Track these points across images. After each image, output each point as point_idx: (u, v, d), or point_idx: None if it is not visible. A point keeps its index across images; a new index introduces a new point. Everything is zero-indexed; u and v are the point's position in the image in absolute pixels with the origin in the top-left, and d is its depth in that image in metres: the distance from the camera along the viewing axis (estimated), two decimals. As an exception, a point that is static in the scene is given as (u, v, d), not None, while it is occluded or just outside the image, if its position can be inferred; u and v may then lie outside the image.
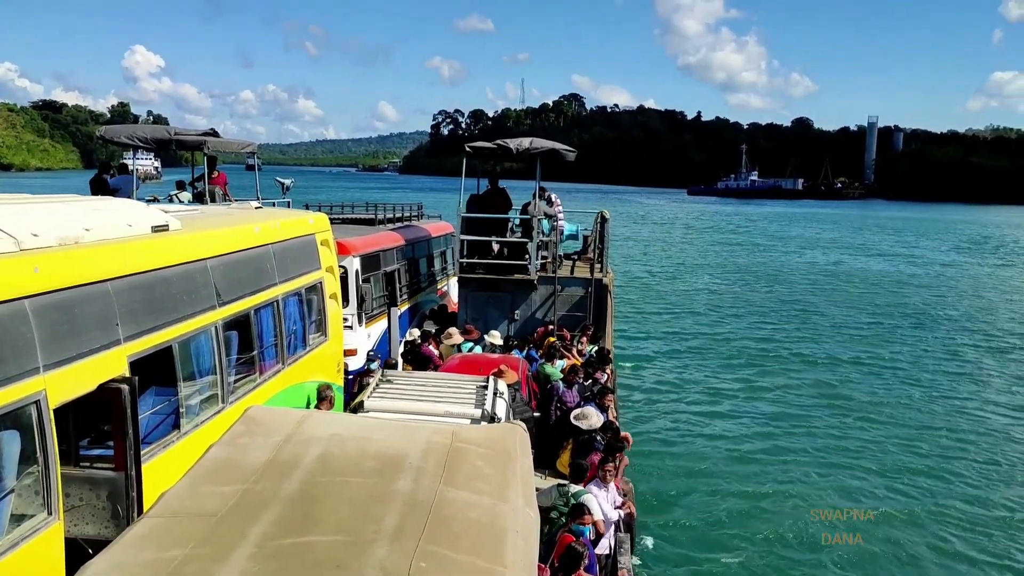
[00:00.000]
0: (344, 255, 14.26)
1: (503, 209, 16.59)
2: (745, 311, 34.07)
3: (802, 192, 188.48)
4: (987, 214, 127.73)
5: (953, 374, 24.11)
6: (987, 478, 15.76)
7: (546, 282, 16.24)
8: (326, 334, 11.09)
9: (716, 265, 51.43)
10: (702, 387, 21.90)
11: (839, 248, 65.18)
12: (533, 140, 16.08)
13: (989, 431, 18.67)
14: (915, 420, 19.47)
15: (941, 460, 16.89)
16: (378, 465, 4.57)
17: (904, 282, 44.14)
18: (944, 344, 28.10)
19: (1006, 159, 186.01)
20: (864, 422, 19.00)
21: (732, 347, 26.93)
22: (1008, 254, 62.13)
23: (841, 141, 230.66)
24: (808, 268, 50.10)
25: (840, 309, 34.96)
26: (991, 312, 34.33)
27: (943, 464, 16.60)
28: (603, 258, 16.90)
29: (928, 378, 23.36)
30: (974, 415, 19.93)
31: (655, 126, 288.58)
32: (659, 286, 41.25)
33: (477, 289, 16.37)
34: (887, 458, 16.79)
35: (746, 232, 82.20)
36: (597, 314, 16.26)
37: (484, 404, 8.77)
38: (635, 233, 75.19)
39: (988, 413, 20.04)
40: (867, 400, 20.96)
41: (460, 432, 5.39)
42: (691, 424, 18.79)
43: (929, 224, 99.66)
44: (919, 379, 23.24)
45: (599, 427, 9.75)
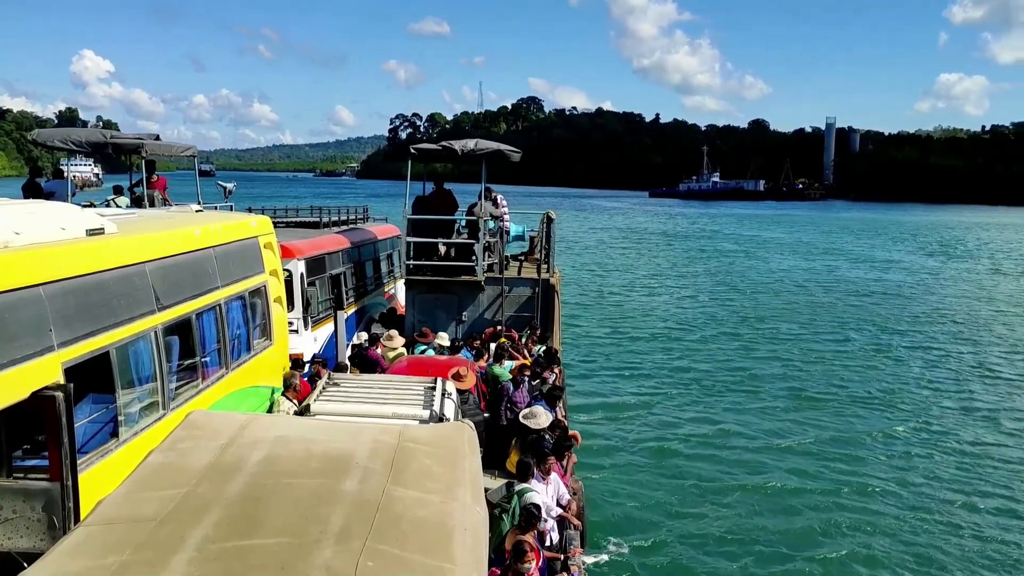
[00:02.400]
0: (289, 258, 14.08)
1: (449, 211, 16.55)
2: (696, 311, 34.49)
3: (764, 193, 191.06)
4: (946, 214, 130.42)
5: (904, 377, 24.19)
6: (953, 490, 15.43)
7: (493, 283, 16.24)
8: (271, 338, 10.92)
9: (670, 267, 51.74)
10: (651, 385, 22.20)
11: (804, 251, 64.79)
12: (478, 141, 16.08)
13: (956, 441, 18.39)
14: (863, 415, 19.91)
15: (883, 456, 17.39)
16: (324, 466, 4.51)
17: (866, 284, 44.50)
18: (900, 347, 28.08)
19: (961, 159, 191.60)
20: (811, 419, 19.40)
21: (681, 345, 27.31)
22: (972, 256, 62.26)
23: (798, 142, 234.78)
24: (767, 270, 50.36)
25: (787, 308, 35.50)
26: (954, 316, 34.36)
27: (889, 462, 17.09)
28: (549, 258, 16.96)
29: (876, 379, 23.55)
30: (936, 423, 19.64)
31: (614, 128, 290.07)
32: (611, 287, 41.46)
33: (424, 291, 16.30)
34: (830, 451, 17.20)
35: (706, 234, 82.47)
36: (544, 314, 16.31)
37: (432, 405, 8.74)
38: (594, 236, 74.95)
39: (956, 423, 19.70)
40: (815, 396, 21.38)
41: (408, 432, 5.35)
42: (640, 421, 19.02)
43: (892, 225, 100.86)
44: (868, 377, 23.54)
45: (547, 426, 9.78)
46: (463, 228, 17.11)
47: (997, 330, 31.10)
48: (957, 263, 56.49)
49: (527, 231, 19.64)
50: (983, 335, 29.73)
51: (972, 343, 28.50)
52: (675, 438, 17.83)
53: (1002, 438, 18.54)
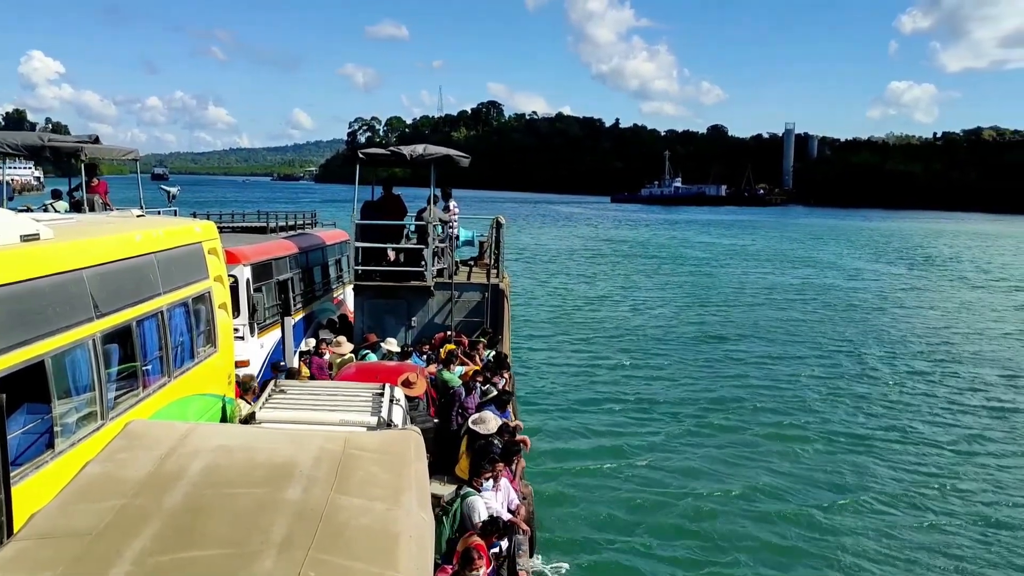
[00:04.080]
0: (234, 264, 13.88)
1: (398, 216, 16.48)
2: (653, 319, 34.44)
3: (726, 199, 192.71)
4: (906, 220, 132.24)
5: (860, 387, 24.09)
6: (923, 507, 15.19)
7: (443, 288, 16.22)
8: (215, 345, 10.73)
9: (630, 274, 51.46)
10: (603, 390, 22.28)
11: (766, 258, 63.97)
12: (427, 147, 16.06)
13: (923, 448, 18.40)
14: (817, 423, 19.86)
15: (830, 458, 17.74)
16: (267, 475, 4.45)
17: (829, 292, 44.12)
18: (858, 356, 27.82)
19: (919, 165, 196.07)
20: (765, 424, 19.51)
21: (635, 351, 27.38)
22: (934, 264, 61.99)
23: (757, 148, 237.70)
24: (728, 279, 49.72)
25: (745, 317, 35.34)
26: (915, 327, 33.78)
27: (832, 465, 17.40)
28: (499, 263, 17.00)
29: (832, 389, 23.13)
30: (898, 431, 19.54)
31: (575, 133, 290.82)
32: (566, 293, 41.37)
33: (373, 297, 16.20)
34: (783, 458, 17.34)
35: (669, 240, 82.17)
36: (494, 319, 16.35)
37: (380, 411, 8.69)
38: (554, 242, 74.71)
39: (920, 429, 19.63)
40: (769, 403, 21.38)
41: (353, 439, 5.31)
42: (591, 426, 19.10)
43: (853, 232, 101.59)
44: (825, 387, 23.22)
45: (496, 431, 9.79)
46: (412, 233, 17.06)
47: (958, 341, 30.71)
48: (920, 271, 56.50)
49: (477, 236, 19.66)
50: (944, 345, 29.62)
51: (932, 352, 28.36)
52: (626, 443, 17.90)
53: (959, 439, 18.96)
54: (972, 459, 17.65)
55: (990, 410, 21.36)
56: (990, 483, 16.27)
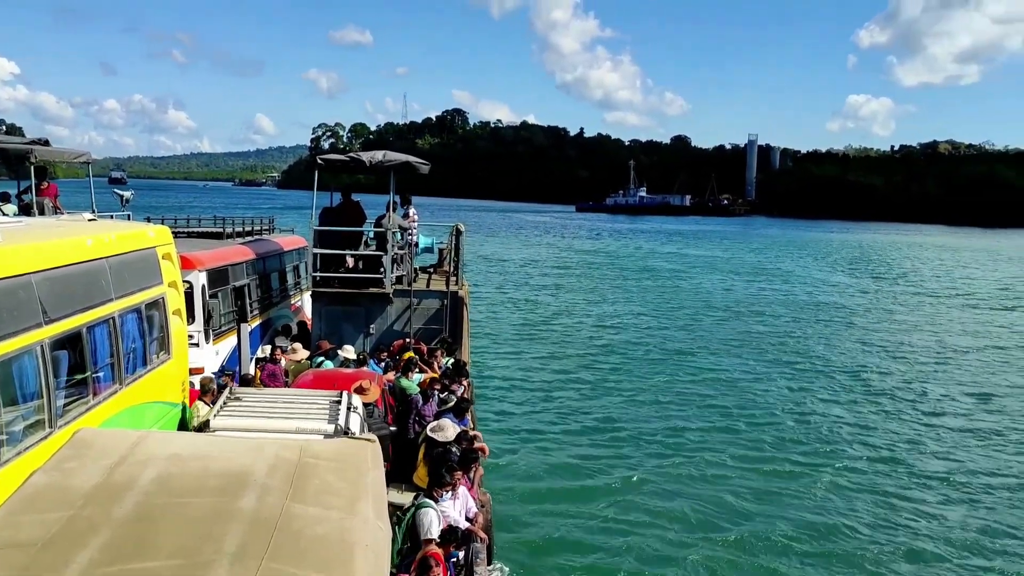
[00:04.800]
0: (190, 269, 13.66)
1: (357, 222, 16.38)
2: (614, 327, 34.64)
3: (690, 208, 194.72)
4: (868, 232, 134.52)
5: (820, 398, 24.38)
6: (843, 512, 15.61)
7: (402, 295, 16.14)
8: (169, 352, 10.54)
9: (592, 283, 51.46)
10: (561, 397, 22.37)
11: (731, 270, 63.90)
12: (386, 153, 15.99)
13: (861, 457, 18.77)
14: (775, 434, 19.99)
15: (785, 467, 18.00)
16: (221, 484, 4.40)
17: (788, 303, 44.17)
18: (816, 368, 28.03)
19: (880, 177, 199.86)
20: (722, 430, 19.84)
21: (595, 360, 27.45)
22: (899, 277, 62.13)
23: (720, 158, 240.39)
24: (692, 290, 49.78)
25: (706, 327, 35.55)
26: (880, 339, 34.05)
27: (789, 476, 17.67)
28: (458, 271, 16.98)
29: (790, 400, 23.30)
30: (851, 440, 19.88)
31: (540, 142, 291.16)
32: (529, 302, 41.30)
33: (331, 303, 16.05)
34: (737, 466, 17.51)
35: (633, 250, 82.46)
36: (453, 326, 16.30)
37: (337, 419, 8.61)
38: (518, 251, 74.65)
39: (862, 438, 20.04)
40: (726, 409, 21.61)
41: (310, 447, 5.27)
42: (550, 433, 19.16)
43: (817, 243, 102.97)
44: (786, 400, 23.30)
45: (454, 439, 9.77)
46: (371, 240, 16.97)
47: (924, 356, 30.73)
48: (885, 284, 56.50)
49: (436, 243, 19.61)
50: (908, 359, 29.73)
51: (897, 367, 28.35)
52: (585, 453, 17.95)
53: (912, 447, 19.45)
54: (934, 471, 17.86)
55: (957, 417, 22.01)
56: (956, 492, 16.59)
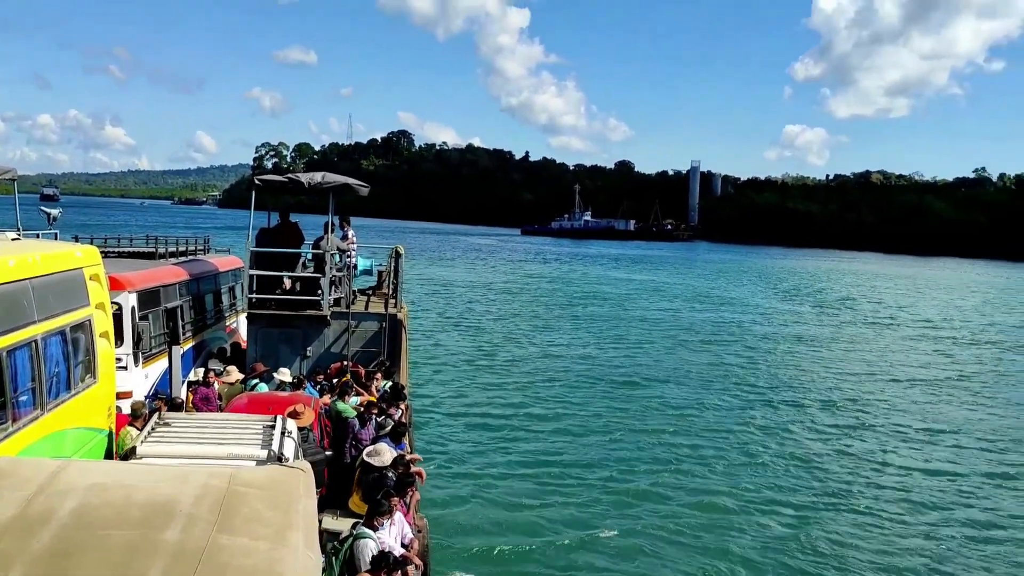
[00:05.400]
0: (119, 291, 13.31)
1: (295, 244, 16.19)
2: (556, 352, 34.43)
3: (635, 233, 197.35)
4: (806, 259, 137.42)
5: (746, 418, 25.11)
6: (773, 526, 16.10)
7: (340, 317, 15.98)
8: (95, 376, 10.23)
9: (533, 307, 51.11)
10: (500, 420, 22.32)
11: (675, 295, 64.22)
12: (325, 175, 15.87)
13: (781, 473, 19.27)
14: (702, 453, 20.35)
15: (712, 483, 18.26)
16: (144, 515, 4.28)
17: (729, 329, 44.63)
18: (754, 393, 28.29)
19: (817, 205, 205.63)
20: (660, 458, 19.80)
21: (535, 384, 27.35)
22: (835, 303, 63.24)
23: (663, 184, 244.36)
24: (636, 315, 49.71)
25: (649, 352, 35.49)
26: (818, 367, 34.26)
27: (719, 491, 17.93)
28: (397, 293, 16.90)
29: (730, 426, 23.32)
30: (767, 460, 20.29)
31: (485, 165, 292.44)
32: (469, 326, 41.02)
33: (267, 325, 15.80)
34: (676, 489, 17.70)
35: (578, 274, 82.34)
36: (392, 349, 16.19)
37: (271, 444, 8.46)
38: (462, 273, 74.17)
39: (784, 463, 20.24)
40: (667, 439, 21.43)
41: (239, 475, 5.17)
42: (488, 459, 19.09)
43: (757, 269, 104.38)
44: (719, 420, 23.54)
45: (390, 464, 9.68)
46: (309, 261, 16.79)
47: (866, 383, 31.08)
48: (825, 310, 57.18)
49: (375, 265, 19.48)
50: (850, 387, 29.91)
51: (843, 396, 28.22)
52: (524, 478, 17.90)
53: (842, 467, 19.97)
54: (873, 495, 18.22)
55: (896, 442, 22.54)
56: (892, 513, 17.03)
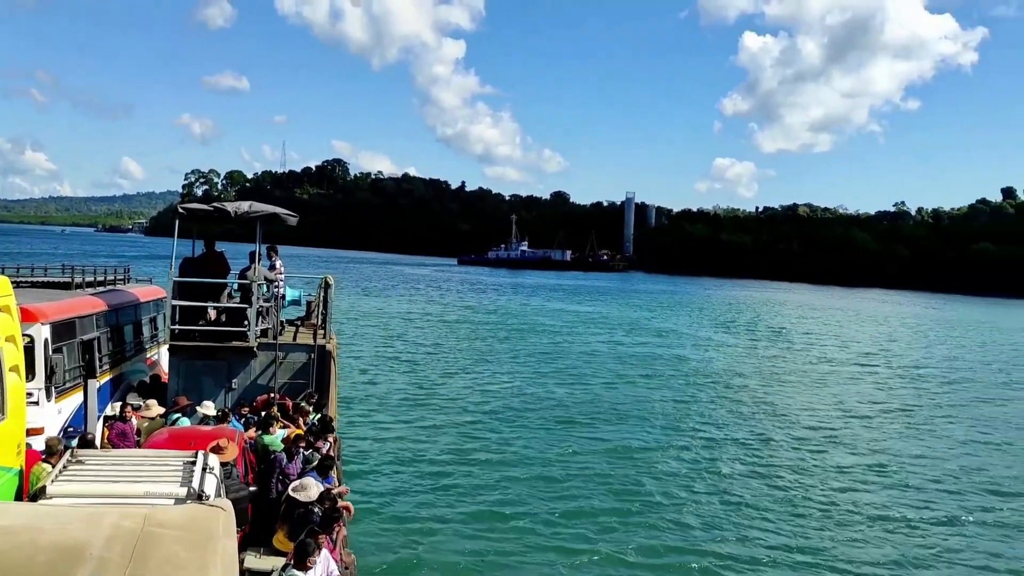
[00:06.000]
0: (31, 322, 12.77)
1: (220, 273, 15.83)
2: (489, 384, 34.13)
3: (571, 263, 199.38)
4: (739, 289, 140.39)
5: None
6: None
7: (267, 348, 15.66)
8: (3, 412, 9.75)
9: (469, 337, 50.62)
10: (431, 455, 21.90)
11: (611, 326, 64.29)
12: (252, 204, 15.60)
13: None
14: (634, 481, 20.45)
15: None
16: (51, 558, 4.08)
17: (670, 362, 44.45)
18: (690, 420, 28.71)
19: (748, 236, 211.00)
20: (594, 492, 19.56)
21: (468, 416, 27.00)
22: (768, 333, 64.50)
23: (599, 215, 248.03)
24: (570, 346, 49.49)
25: (582, 384, 35.36)
26: (750, 397, 34.60)
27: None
28: (326, 324, 16.66)
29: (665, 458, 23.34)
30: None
31: (421, 194, 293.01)
32: (404, 358, 40.38)
33: (191, 357, 15.35)
34: (611, 521, 17.67)
35: (515, 305, 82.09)
36: (320, 381, 15.92)
37: (191, 482, 8.18)
38: (396, 303, 73.20)
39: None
40: (601, 472, 21.25)
41: (155, 515, 4.97)
42: (418, 492, 18.82)
43: (693, 300, 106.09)
44: (660, 456, 23.31)
45: (316, 499, 9.47)
46: (235, 291, 16.43)
47: (794, 410, 31.84)
48: (761, 342, 57.83)
49: (304, 296, 19.17)
50: (788, 417, 30.15)
51: (787, 429, 28.28)
52: (456, 513, 17.66)
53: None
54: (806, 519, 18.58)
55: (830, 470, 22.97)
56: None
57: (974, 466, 24.15)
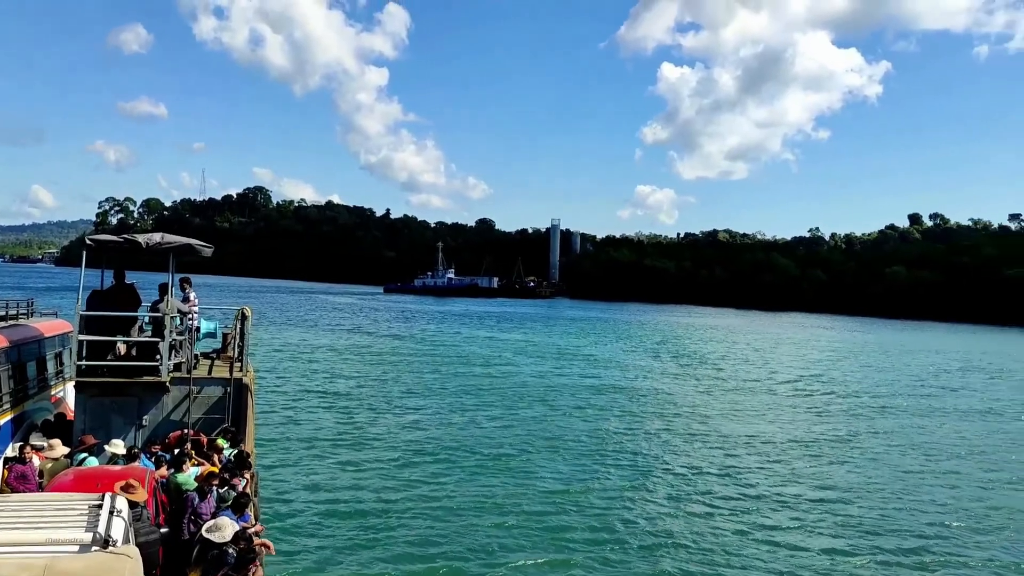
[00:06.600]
0: (-77, 360, 12.12)
1: (131, 306, 15.32)
2: (414, 414, 33.70)
3: (498, 290, 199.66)
4: (663, 314, 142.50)
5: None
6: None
7: (180, 383, 15.18)
8: None
9: (399, 371, 49.21)
10: (353, 489, 21.48)
11: (539, 353, 64.61)
12: (164, 235, 15.14)
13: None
14: (569, 519, 20.07)
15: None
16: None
17: (597, 390, 44.40)
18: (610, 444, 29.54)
19: (672, 262, 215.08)
20: (520, 535, 18.96)
21: (392, 453, 26.30)
22: (691, 357, 66.12)
23: (524, 242, 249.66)
24: (505, 373, 49.54)
25: (512, 411, 35.46)
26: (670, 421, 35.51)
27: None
28: (243, 356, 16.28)
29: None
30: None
31: (345, 222, 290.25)
32: (322, 386, 39.72)
33: (98, 394, 14.74)
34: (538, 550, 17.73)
35: (442, 333, 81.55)
36: (237, 415, 15.51)
37: (97, 527, 7.85)
38: (319, 335, 71.51)
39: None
40: (528, 515, 20.44)
41: (57, 564, 4.78)
42: (339, 526, 18.47)
43: (618, 325, 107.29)
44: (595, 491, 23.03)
45: (231, 539, 9.20)
46: (147, 324, 15.91)
47: (723, 435, 32.64)
48: (689, 367, 58.61)
49: (220, 328, 18.68)
50: (717, 443, 30.72)
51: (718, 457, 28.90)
52: (377, 542, 17.41)
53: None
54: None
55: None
56: None
57: (896, 488, 24.99)
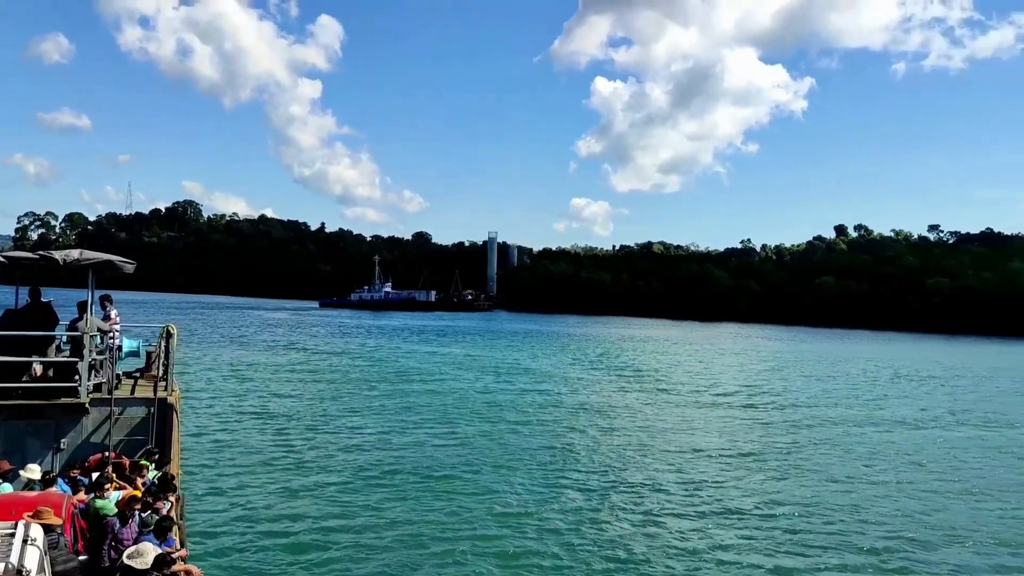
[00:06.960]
0: None
1: (47, 325, 14.75)
2: (352, 433, 32.77)
3: (436, 304, 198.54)
4: (601, 326, 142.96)
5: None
6: None
7: (101, 404, 14.68)
8: None
9: (337, 389, 47.63)
10: (286, 511, 20.75)
11: (479, 368, 63.48)
12: (83, 251, 14.61)
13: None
14: (516, 543, 19.52)
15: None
16: None
17: (541, 405, 43.60)
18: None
19: (608, 274, 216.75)
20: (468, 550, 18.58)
21: (323, 471, 25.61)
22: (638, 372, 64.98)
23: (461, 255, 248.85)
24: (446, 389, 48.54)
25: (455, 430, 34.52)
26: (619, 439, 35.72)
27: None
28: (168, 375, 15.81)
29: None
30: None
31: (279, 236, 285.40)
32: (254, 406, 38.37)
33: (12, 417, 14.14)
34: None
35: (380, 349, 79.53)
36: (161, 436, 15.05)
37: (8, 556, 7.51)
38: (251, 353, 68.95)
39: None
40: (475, 539, 19.63)
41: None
42: (270, 549, 17.92)
43: (556, 338, 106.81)
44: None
45: (152, 565, 8.88)
46: (65, 344, 15.34)
47: (667, 448, 32.59)
48: (627, 379, 57.94)
49: (143, 346, 18.13)
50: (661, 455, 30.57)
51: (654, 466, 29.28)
52: (312, 570, 16.90)
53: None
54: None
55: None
56: None
57: (834, 499, 24.70)
